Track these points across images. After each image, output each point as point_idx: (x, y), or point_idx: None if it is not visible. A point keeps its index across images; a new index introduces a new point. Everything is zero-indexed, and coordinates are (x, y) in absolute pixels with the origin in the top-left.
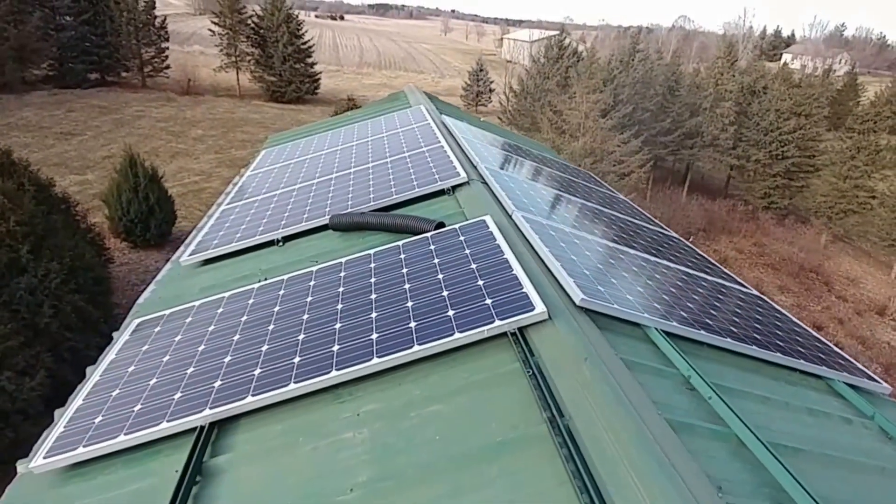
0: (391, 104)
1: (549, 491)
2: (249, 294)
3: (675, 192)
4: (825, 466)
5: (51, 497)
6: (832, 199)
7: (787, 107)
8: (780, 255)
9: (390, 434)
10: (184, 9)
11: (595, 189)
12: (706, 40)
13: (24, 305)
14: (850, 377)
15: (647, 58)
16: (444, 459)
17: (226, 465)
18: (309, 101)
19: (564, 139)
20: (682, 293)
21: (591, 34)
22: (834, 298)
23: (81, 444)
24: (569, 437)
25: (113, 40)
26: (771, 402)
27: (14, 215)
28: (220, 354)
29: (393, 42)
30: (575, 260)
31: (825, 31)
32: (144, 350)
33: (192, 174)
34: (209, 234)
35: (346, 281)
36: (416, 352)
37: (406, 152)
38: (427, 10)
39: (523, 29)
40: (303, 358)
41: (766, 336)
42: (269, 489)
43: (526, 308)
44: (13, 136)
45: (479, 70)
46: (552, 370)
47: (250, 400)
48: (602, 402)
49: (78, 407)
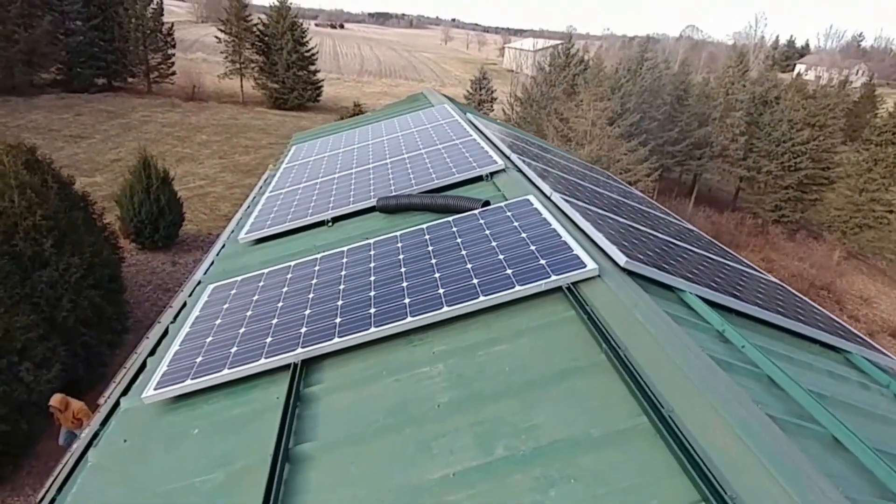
0: (412, 104)
1: (613, 405)
2: (314, 262)
3: (681, 203)
4: (846, 412)
5: (159, 424)
6: (847, 213)
7: (800, 117)
8: (790, 272)
9: (463, 367)
10: (186, 16)
11: (615, 184)
12: (715, 50)
13: (45, 299)
14: (867, 352)
15: (656, 66)
16: (514, 384)
17: (319, 393)
18: (311, 109)
19: (570, 146)
20: (710, 270)
21: (595, 44)
22: (846, 318)
23: (188, 378)
24: (627, 364)
25: (121, 46)
26: (795, 362)
27: (40, 209)
28: (299, 308)
29: (393, 51)
30: (612, 233)
31: (841, 42)
32: (226, 308)
33: (196, 178)
34: (259, 216)
35: (404, 250)
36: (481, 302)
37: (439, 144)
38: (427, 18)
39: (525, 38)
40: (377, 309)
41: (788, 310)
42: (362, 409)
43: (578, 266)
44: (24, 138)
45: (482, 78)
46: (606, 316)
47: (336, 341)
48: (655, 337)
49: (176, 351)
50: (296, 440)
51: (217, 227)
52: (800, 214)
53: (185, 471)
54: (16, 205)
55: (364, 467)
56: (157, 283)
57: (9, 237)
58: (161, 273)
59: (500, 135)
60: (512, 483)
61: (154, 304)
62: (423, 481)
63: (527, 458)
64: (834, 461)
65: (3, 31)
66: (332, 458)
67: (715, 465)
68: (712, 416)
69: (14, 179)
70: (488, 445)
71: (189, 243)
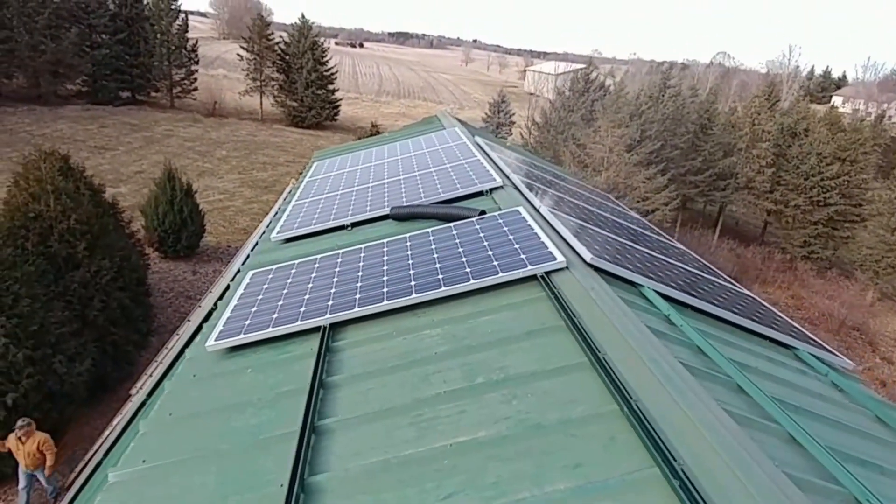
0: (426, 126)
1: (564, 351)
2: (337, 256)
3: (704, 235)
4: (778, 385)
5: (220, 366)
6: (879, 253)
7: (830, 151)
8: (820, 310)
9: (456, 330)
10: (209, 32)
11: (611, 206)
12: (747, 79)
13: (77, 298)
14: (814, 349)
15: (679, 94)
16: (493, 340)
17: (344, 346)
18: (328, 128)
19: (587, 172)
20: (677, 275)
21: (622, 68)
22: (878, 360)
23: (241, 333)
24: (579, 326)
25: (146, 61)
26: (737, 346)
27: (75, 214)
28: (326, 288)
29: (412, 71)
30: (587, 239)
31: (879, 74)
32: (265, 287)
33: (216, 192)
34: (288, 220)
35: (412, 247)
36: (471, 284)
37: (447, 164)
38: (448, 39)
39: (548, 61)
40: (389, 288)
41: (745, 311)
42: (378, 356)
43: (550, 259)
44: (50, 147)
45: (501, 101)
46: (568, 296)
47: (357, 310)
48: (604, 309)
49: (228, 317)
50: (327, 374)
51: (235, 239)
52: (831, 252)
53: (244, 393)
54: (51, 209)
55: (380, 391)
56: (178, 291)
57: (44, 238)
58: (182, 281)
59: (505, 157)
60: (487, 398)
61: (176, 310)
62: (424, 397)
63: (498, 383)
64: (737, 401)
65: (31, 41)
66: (355, 386)
67: (630, 384)
68: (634, 358)
69: (50, 185)
70: (471, 376)
71: (209, 254)
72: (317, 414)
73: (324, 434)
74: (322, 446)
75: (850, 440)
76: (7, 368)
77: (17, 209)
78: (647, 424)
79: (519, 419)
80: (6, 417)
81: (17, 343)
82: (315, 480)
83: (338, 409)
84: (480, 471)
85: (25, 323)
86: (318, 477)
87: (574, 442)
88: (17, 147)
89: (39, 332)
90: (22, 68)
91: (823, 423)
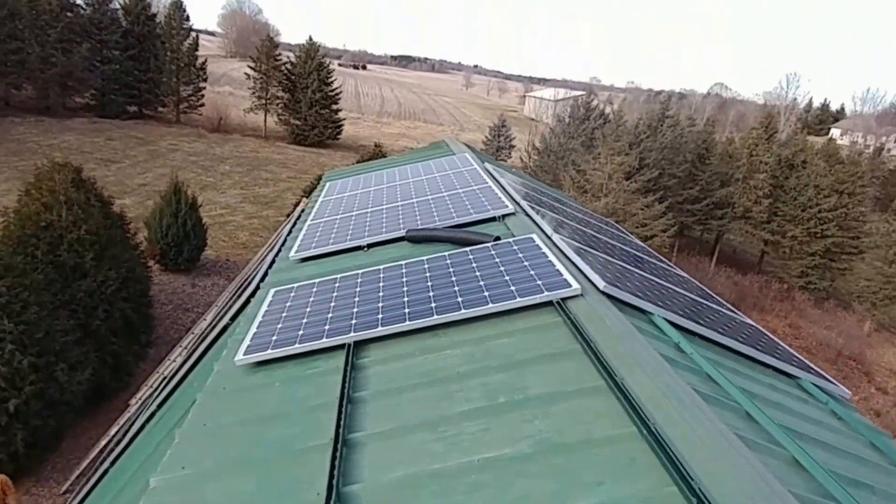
0: (434, 151)
1: (581, 374)
2: (356, 276)
3: (702, 262)
4: (782, 412)
5: (248, 380)
6: (877, 284)
7: (827, 183)
8: (817, 339)
9: (476, 351)
10: (216, 50)
11: (616, 232)
12: (744, 109)
13: (82, 307)
14: (815, 378)
15: (677, 124)
16: (512, 361)
17: (368, 364)
18: (330, 146)
19: (587, 198)
20: (684, 303)
21: (619, 96)
22: (873, 390)
23: (269, 348)
24: (595, 350)
25: (155, 77)
26: (743, 374)
27: (85, 225)
28: (348, 307)
29: (414, 94)
30: (599, 267)
31: (878, 107)
32: (288, 305)
33: (218, 207)
34: (304, 239)
35: (430, 270)
36: (489, 308)
37: (459, 189)
38: (449, 63)
39: (547, 87)
40: (410, 309)
41: (749, 340)
42: (402, 373)
43: (565, 286)
44: (57, 158)
45: (501, 125)
46: (584, 321)
47: (380, 329)
48: (618, 335)
49: (254, 333)
50: (353, 390)
51: (235, 254)
52: (829, 283)
53: (275, 406)
54: (63, 219)
55: (404, 407)
56: (177, 303)
57: (54, 248)
58: (181, 294)
59: (514, 184)
60: (509, 417)
61: (174, 322)
62: (448, 414)
63: (519, 403)
64: (745, 426)
65: (42, 53)
66: (381, 401)
67: (647, 408)
68: (649, 383)
69: (63, 195)
70: (492, 396)
71: (209, 268)
72: (346, 427)
73: (354, 447)
74: (353, 458)
75: (847, 464)
76: (11, 375)
77: (28, 218)
78: (665, 446)
79: (541, 438)
80: (7, 423)
81: (22, 350)
82: (349, 490)
83: (366, 424)
84: (507, 486)
85: (32, 330)
86: (352, 487)
87: (596, 461)
88: (25, 157)
89: (44, 340)
90: (32, 80)
91: (824, 448)
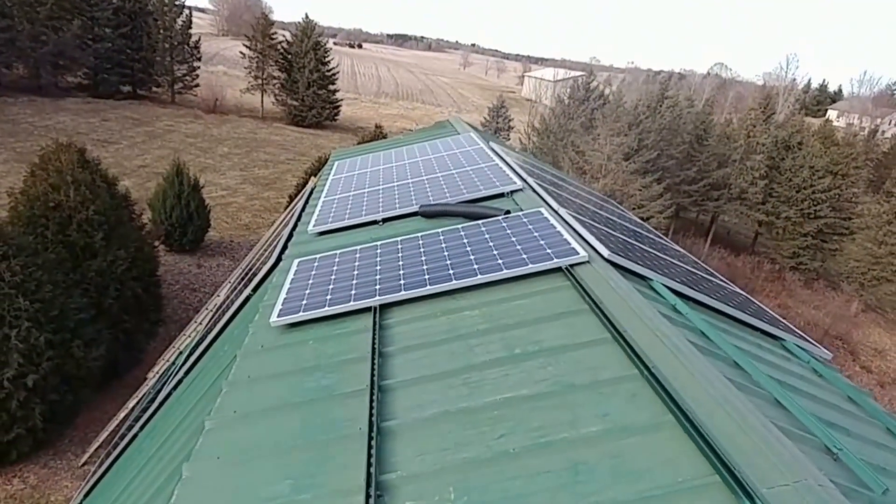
0: (439, 130)
1: (589, 328)
2: (376, 247)
3: (696, 243)
4: (768, 367)
5: (283, 338)
6: (865, 265)
7: (822, 164)
8: (806, 319)
9: (493, 311)
10: (208, 28)
11: (616, 209)
12: (743, 90)
13: (94, 286)
14: (798, 340)
15: (677, 104)
16: (526, 319)
17: (394, 324)
18: (328, 127)
19: (585, 179)
20: (680, 272)
21: (619, 76)
22: (858, 368)
23: (300, 311)
24: (601, 308)
25: (148, 55)
26: (733, 334)
27: (93, 205)
28: (371, 274)
29: (411, 73)
30: (602, 238)
31: (874, 89)
32: (314, 273)
33: (219, 188)
34: (321, 215)
35: (445, 241)
36: (504, 273)
37: (467, 167)
38: (446, 42)
39: (546, 67)
40: (430, 276)
41: (739, 305)
42: (426, 331)
43: (573, 254)
44: (52, 139)
45: (500, 107)
46: (591, 284)
47: (402, 293)
48: (620, 295)
49: (284, 298)
50: (382, 346)
51: (238, 235)
52: (819, 263)
53: (311, 360)
54: (71, 199)
55: (431, 359)
56: (184, 283)
57: (63, 228)
58: (188, 274)
59: (520, 162)
60: (526, 365)
61: (182, 301)
62: (472, 364)
63: (535, 353)
64: (733, 372)
65: (32, 31)
66: (409, 355)
67: (647, 354)
68: (649, 334)
69: (70, 176)
70: (510, 348)
71: (213, 248)
72: (380, 376)
73: (388, 392)
74: (388, 401)
75: (825, 410)
76: (29, 351)
77: (36, 199)
78: (662, 384)
79: (555, 380)
80: (26, 398)
81: (38, 327)
82: (387, 425)
83: (397, 373)
84: (526, 418)
85: (47, 308)
86: (390, 422)
87: (602, 397)
88: (20, 137)
89: (59, 318)
90: (22, 58)
91: (803, 395)
